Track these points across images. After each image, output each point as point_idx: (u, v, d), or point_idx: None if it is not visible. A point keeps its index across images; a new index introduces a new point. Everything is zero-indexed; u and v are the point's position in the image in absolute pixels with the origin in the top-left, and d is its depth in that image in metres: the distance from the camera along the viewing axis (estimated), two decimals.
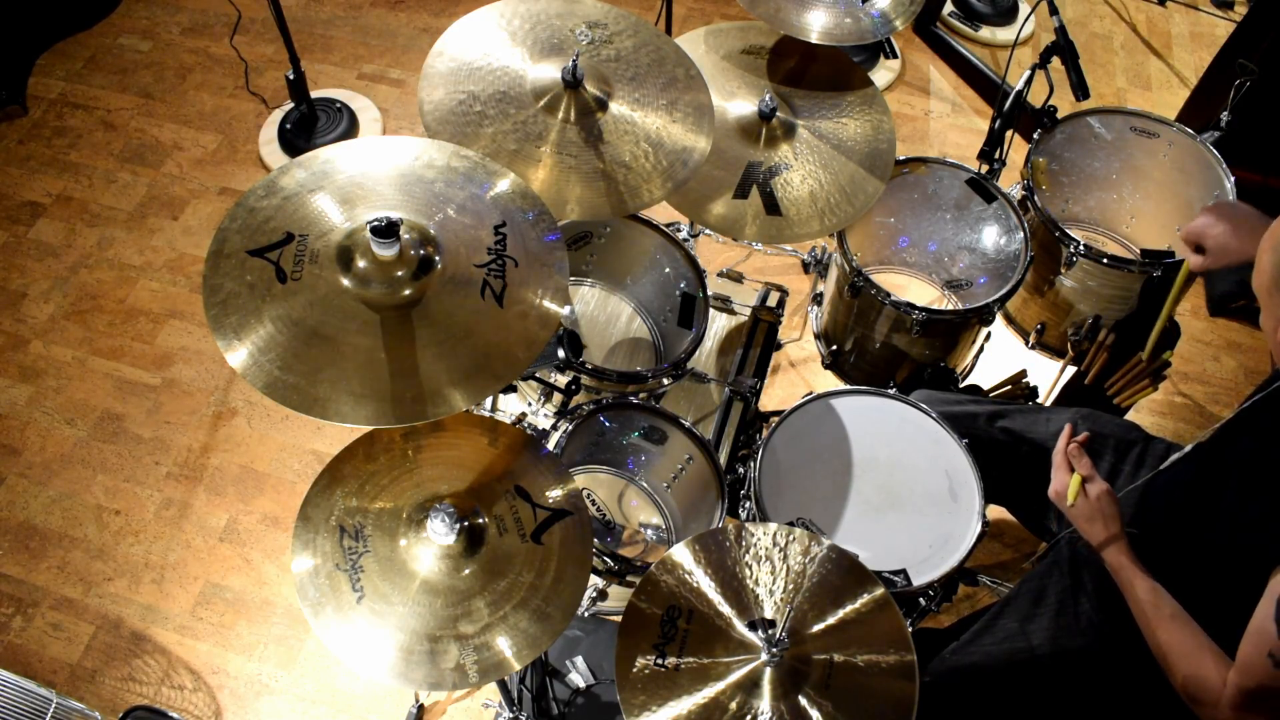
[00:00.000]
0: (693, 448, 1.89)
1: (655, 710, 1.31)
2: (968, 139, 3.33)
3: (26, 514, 2.53)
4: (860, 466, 1.84)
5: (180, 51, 3.55)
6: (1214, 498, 1.48)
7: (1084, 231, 2.42)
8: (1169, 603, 1.43)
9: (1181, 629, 1.40)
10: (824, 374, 2.43)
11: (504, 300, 1.41)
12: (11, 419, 2.68)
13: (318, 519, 1.46)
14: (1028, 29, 3.48)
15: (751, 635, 1.36)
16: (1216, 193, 2.12)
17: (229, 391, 2.74)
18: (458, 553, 1.42)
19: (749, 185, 1.94)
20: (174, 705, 2.27)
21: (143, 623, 2.38)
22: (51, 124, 3.33)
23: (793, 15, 2.03)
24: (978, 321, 2.12)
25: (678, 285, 2.15)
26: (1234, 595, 1.44)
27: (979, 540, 1.72)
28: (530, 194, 1.54)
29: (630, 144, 1.75)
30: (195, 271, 2.98)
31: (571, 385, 1.89)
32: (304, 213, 1.43)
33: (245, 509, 2.55)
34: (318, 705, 2.28)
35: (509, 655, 1.36)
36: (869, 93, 2.11)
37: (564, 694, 2.06)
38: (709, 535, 1.48)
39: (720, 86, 2.05)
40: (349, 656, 1.36)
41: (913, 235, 2.37)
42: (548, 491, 1.51)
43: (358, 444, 1.54)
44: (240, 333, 1.32)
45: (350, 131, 3.28)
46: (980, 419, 1.89)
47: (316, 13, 3.69)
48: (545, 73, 1.77)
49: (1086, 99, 2.08)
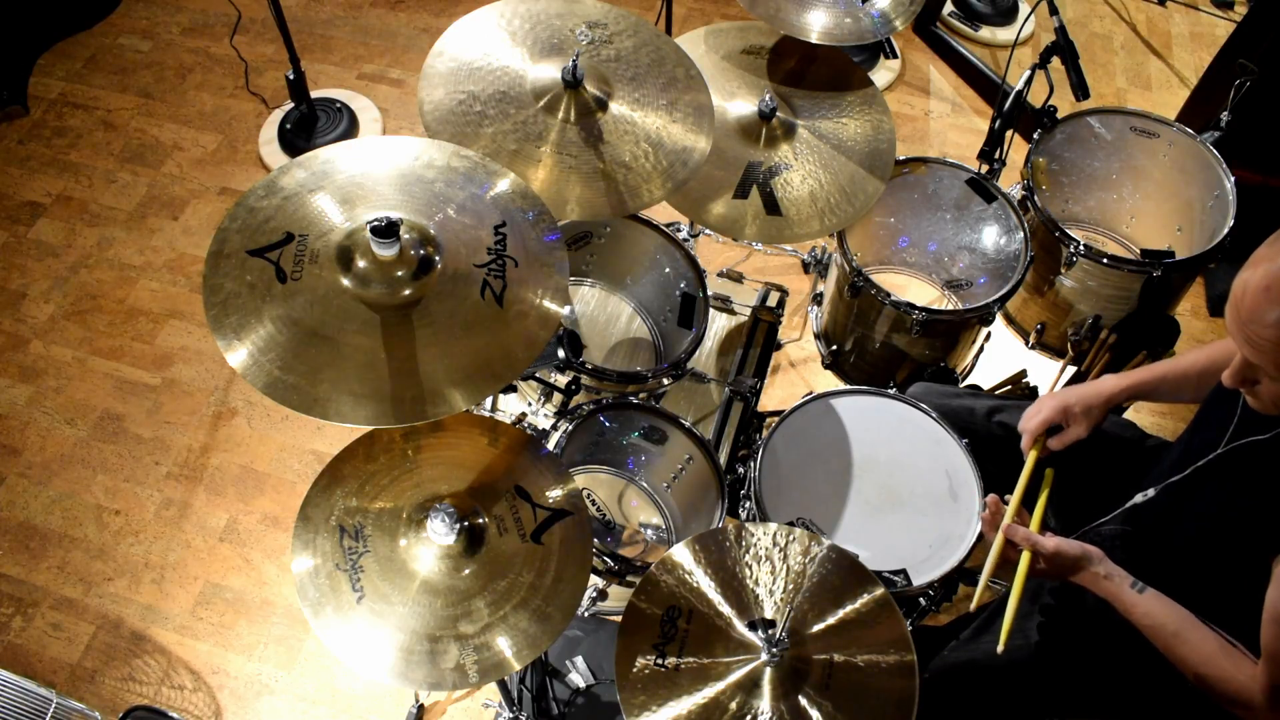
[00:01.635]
0: (693, 448, 1.89)
1: (655, 710, 1.31)
2: (968, 139, 3.33)
3: (26, 514, 2.53)
4: (860, 466, 1.84)
5: (180, 51, 3.55)
6: (1201, 495, 1.48)
7: (1084, 231, 2.42)
8: (1170, 619, 1.42)
9: (1190, 641, 1.39)
10: (824, 374, 2.43)
11: (504, 300, 1.41)
12: (11, 419, 2.68)
13: (318, 519, 1.46)
14: (1028, 29, 3.48)
15: (751, 635, 1.36)
16: (1216, 193, 2.12)
17: (229, 391, 2.74)
18: (458, 553, 1.42)
19: (749, 185, 1.94)
20: (174, 705, 2.27)
21: (143, 623, 2.38)
22: (52, 124, 3.33)
23: (793, 15, 2.03)
24: (978, 321, 2.12)
25: (678, 285, 2.15)
26: (1231, 589, 1.45)
27: (979, 540, 1.72)
28: (530, 194, 1.54)
29: (630, 144, 1.75)
30: (195, 271, 2.98)
31: (571, 385, 1.89)
32: (304, 213, 1.43)
33: (245, 509, 2.55)
34: (318, 705, 2.28)
35: (509, 655, 1.36)
36: (869, 93, 2.11)
37: (564, 694, 2.06)
38: (709, 535, 1.49)
39: (720, 86, 2.05)
40: (349, 656, 1.36)
41: (913, 235, 2.37)
42: (548, 491, 1.51)
43: (358, 444, 1.54)
44: (240, 333, 1.32)
45: (350, 131, 3.28)
46: (978, 413, 1.89)
47: (316, 13, 3.69)
48: (545, 73, 1.77)
49: (1086, 99, 2.08)
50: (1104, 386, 1.67)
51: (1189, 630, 1.40)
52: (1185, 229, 2.25)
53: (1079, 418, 1.66)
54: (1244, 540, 1.39)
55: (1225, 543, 1.45)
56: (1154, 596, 1.44)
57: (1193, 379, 1.65)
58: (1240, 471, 1.41)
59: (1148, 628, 1.43)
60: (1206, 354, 1.65)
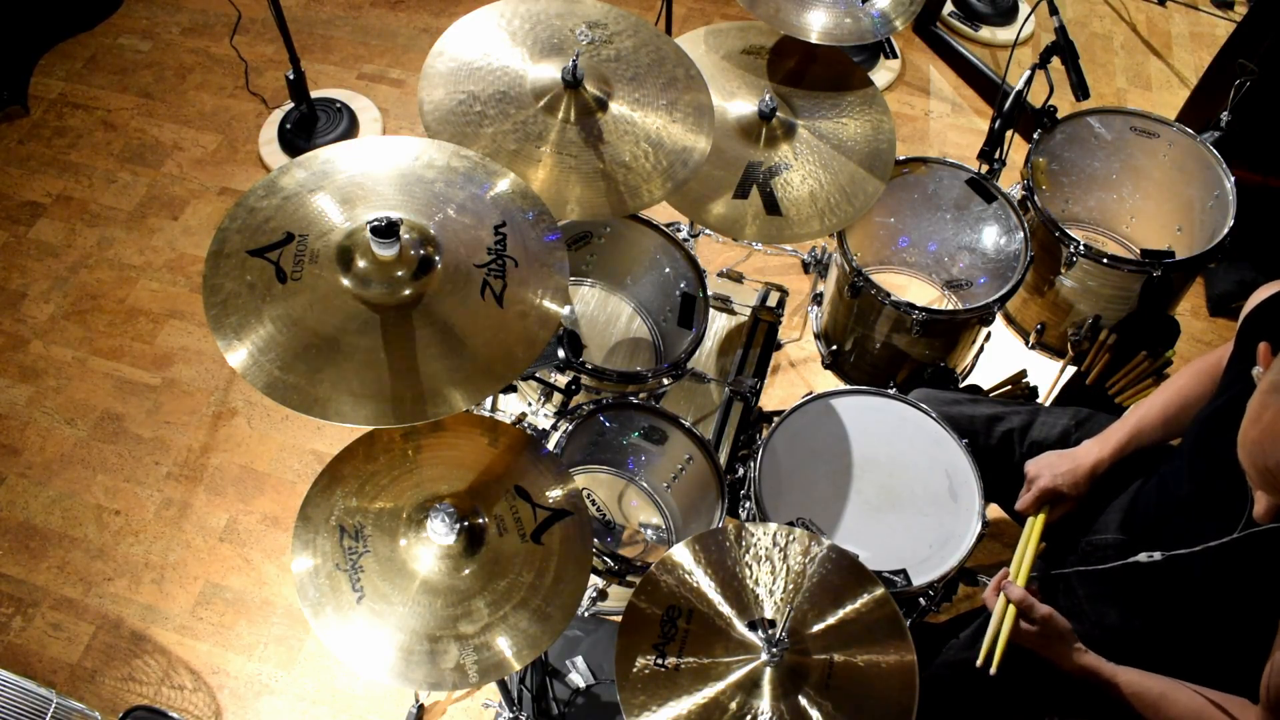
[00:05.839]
0: (693, 448, 1.89)
1: (655, 710, 1.31)
2: (968, 139, 3.33)
3: (26, 514, 2.53)
4: (860, 466, 1.84)
5: (180, 51, 3.55)
6: (1212, 574, 1.47)
7: (1084, 231, 2.42)
8: (1154, 683, 1.44)
9: (1178, 702, 1.41)
10: (824, 374, 2.43)
11: (504, 300, 1.41)
12: (11, 419, 2.68)
13: (318, 519, 1.46)
14: (1028, 29, 3.48)
15: (751, 635, 1.36)
16: (1216, 193, 2.12)
17: (229, 391, 2.74)
18: (458, 553, 1.42)
19: (749, 185, 1.94)
20: (174, 705, 2.27)
21: (143, 623, 2.38)
22: (52, 124, 3.33)
23: (793, 15, 2.03)
24: (978, 321, 2.12)
25: (678, 285, 2.15)
26: (1226, 600, 1.45)
27: (979, 540, 1.72)
28: (530, 194, 1.54)
29: (630, 144, 1.75)
30: (195, 271, 2.98)
31: (571, 385, 1.89)
32: (304, 213, 1.43)
33: (245, 509, 2.55)
34: (318, 705, 2.28)
35: (509, 655, 1.36)
36: (869, 93, 2.11)
37: (564, 694, 2.06)
38: (709, 535, 1.48)
39: (720, 86, 2.05)
40: (349, 656, 1.36)
41: (913, 235, 2.37)
42: (548, 491, 1.51)
43: (358, 444, 1.54)
44: (240, 333, 1.32)
45: (350, 131, 3.28)
46: (977, 421, 1.89)
47: (316, 13, 3.69)
48: (545, 73, 1.77)
49: (1086, 99, 2.08)
50: (1085, 461, 1.69)
51: (1174, 691, 1.42)
52: (1185, 229, 2.25)
53: (1069, 494, 1.70)
54: (1251, 616, 1.39)
55: (1231, 614, 1.47)
56: (1132, 669, 1.47)
57: (1160, 423, 1.67)
58: (1255, 559, 1.38)
59: (1133, 695, 1.45)
60: (1173, 389, 1.67)
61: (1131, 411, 1.72)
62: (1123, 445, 1.68)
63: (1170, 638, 1.55)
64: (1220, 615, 1.49)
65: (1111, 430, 1.71)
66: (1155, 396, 1.70)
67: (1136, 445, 1.68)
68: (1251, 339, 1.33)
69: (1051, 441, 1.83)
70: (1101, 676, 1.48)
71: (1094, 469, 1.68)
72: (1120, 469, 1.69)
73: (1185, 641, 1.55)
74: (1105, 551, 1.63)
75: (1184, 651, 1.54)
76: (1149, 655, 1.50)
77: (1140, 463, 1.69)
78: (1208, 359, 1.66)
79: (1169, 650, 1.54)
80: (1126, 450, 1.68)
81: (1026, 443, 1.86)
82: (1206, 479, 1.47)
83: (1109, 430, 1.72)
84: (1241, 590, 1.43)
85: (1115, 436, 1.69)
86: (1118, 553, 1.58)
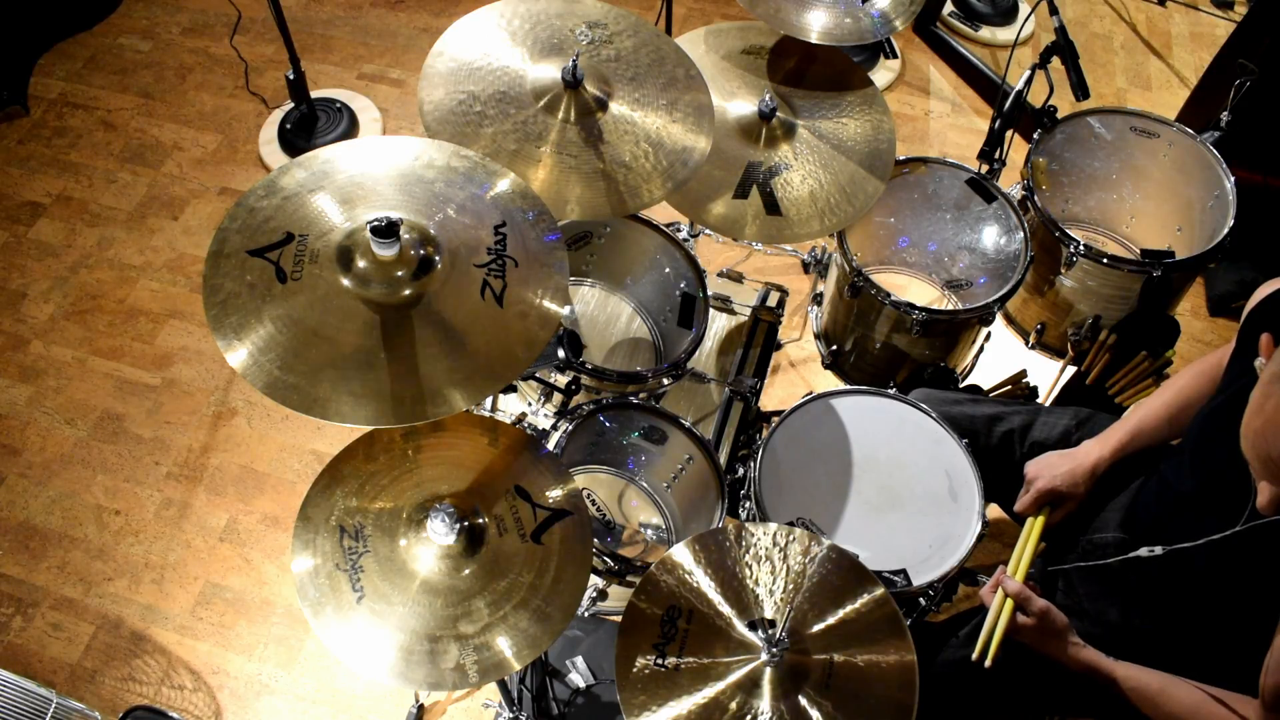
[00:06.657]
0: (693, 448, 1.89)
1: (655, 710, 1.31)
2: (968, 139, 3.33)
3: (26, 514, 2.53)
4: (860, 466, 1.84)
5: (180, 51, 3.55)
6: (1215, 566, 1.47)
7: (1084, 231, 2.42)
8: (1153, 678, 1.44)
9: (1176, 696, 1.41)
10: (824, 374, 2.43)
11: (504, 300, 1.41)
12: (11, 419, 2.68)
13: (318, 519, 1.46)
14: (1028, 29, 3.48)
15: (751, 635, 1.36)
16: (1216, 193, 2.12)
17: (229, 391, 2.74)
18: (458, 553, 1.42)
19: (749, 185, 1.94)
20: (174, 705, 2.27)
21: (143, 623, 2.38)
22: (52, 124, 3.33)
23: (793, 15, 2.03)
24: (978, 321, 2.12)
25: (678, 285, 2.15)
26: (1228, 594, 1.45)
27: (979, 540, 1.72)
28: (530, 194, 1.54)
29: (630, 144, 1.75)
30: (195, 271, 2.98)
31: (571, 385, 1.89)
32: (304, 213, 1.43)
33: (245, 509, 2.55)
34: (318, 705, 2.28)
35: (509, 655, 1.36)
36: (869, 93, 2.11)
37: (564, 694, 2.06)
38: (709, 535, 1.48)
39: (720, 86, 2.05)
40: (349, 656, 1.36)
41: (913, 235, 2.37)
42: (548, 491, 1.51)
43: (358, 444, 1.54)
44: (240, 333, 1.32)
45: (350, 131, 3.28)
46: (978, 420, 1.89)
47: (316, 13, 3.69)
48: (545, 73, 1.77)
49: (1086, 99, 2.08)
50: (1085, 461, 1.69)
51: (1173, 686, 1.42)
52: (1185, 229, 2.25)
53: (1068, 495, 1.70)
54: (1253, 610, 1.39)
55: (1232, 609, 1.47)
56: (1130, 664, 1.47)
57: (1161, 423, 1.67)
58: (1258, 551, 1.39)
59: (1132, 690, 1.45)
60: (1174, 389, 1.67)
61: (1132, 411, 1.72)
62: (1123, 445, 1.68)
63: (1171, 634, 1.55)
64: (1221, 610, 1.49)
65: (1112, 430, 1.71)
66: (1156, 396, 1.70)
67: (1137, 445, 1.68)
68: (1254, 335, 1.33)
69: (1052, 441, 1.83)
70: (1100, 671, 1.48)
71: (1094, 469, 1.68)
72: (1120, 468, 1.69)
73: (1186, 637, 1.55)
74: (1105, 550, 1.64)
75: (1184, 647, 1.54)
76: (1149, 652, 1.50)
77: (1140, 462, 1.69)
78: (1209, 359, 1.66)
79: (1169, 646, 1.54)
80: (1127, 450, 1.68)
81: (1027, 443, 1.86)
82: (1209, 474, 1.47)
83: (1109, 430, 1.72)
84: (1243, 583, 1.43)
85: (1115, 436, 1.69)
86: (1118, 551, 1.58)
